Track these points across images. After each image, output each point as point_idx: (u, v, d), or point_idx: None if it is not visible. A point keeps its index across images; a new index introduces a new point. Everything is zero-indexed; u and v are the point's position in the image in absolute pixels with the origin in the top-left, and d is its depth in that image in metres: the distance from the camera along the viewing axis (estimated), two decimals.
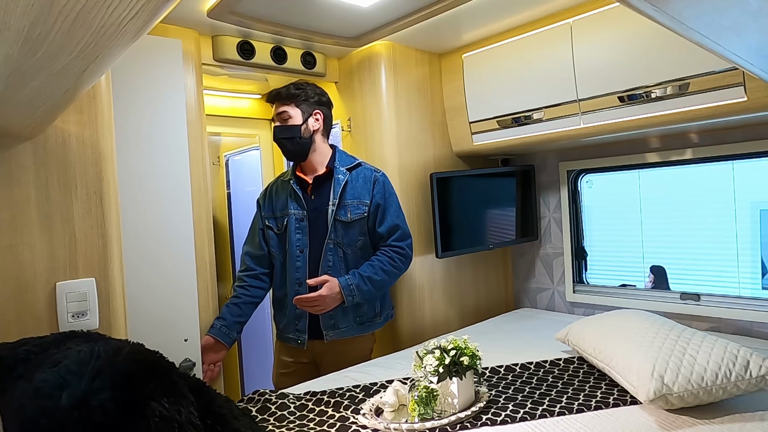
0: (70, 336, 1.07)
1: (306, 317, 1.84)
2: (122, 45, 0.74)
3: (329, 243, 1.84)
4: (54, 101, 1.01)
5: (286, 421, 1.35)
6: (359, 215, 1.86)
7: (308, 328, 1.85)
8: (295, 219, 1.87)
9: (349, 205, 1.85)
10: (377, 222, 1.88)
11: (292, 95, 1.85)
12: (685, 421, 1.22)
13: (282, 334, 1.94)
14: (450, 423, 1.26)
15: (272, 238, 1.93)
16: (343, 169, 1.89)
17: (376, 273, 1.83)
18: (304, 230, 1.86)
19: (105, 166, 1.35)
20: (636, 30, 1.72)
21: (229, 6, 1.73)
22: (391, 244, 1.89)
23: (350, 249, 1.86)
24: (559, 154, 2.49)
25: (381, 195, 1.89)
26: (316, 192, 1.89)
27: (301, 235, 1.86)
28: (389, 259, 1.87)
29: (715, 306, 2.00)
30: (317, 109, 1.88)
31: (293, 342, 1.88)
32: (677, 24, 0.77)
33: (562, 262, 2.51)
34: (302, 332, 1.86)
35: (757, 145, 1.86)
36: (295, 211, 1.87)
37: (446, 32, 2.14)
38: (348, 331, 1.86)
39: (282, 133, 1.84)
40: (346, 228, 1.85)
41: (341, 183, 1.86)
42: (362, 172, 1.91)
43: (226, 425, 0.93)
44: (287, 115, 1.84)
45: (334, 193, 1.85)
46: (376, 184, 1.90)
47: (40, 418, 0.75)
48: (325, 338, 1.83)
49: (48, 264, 1.27)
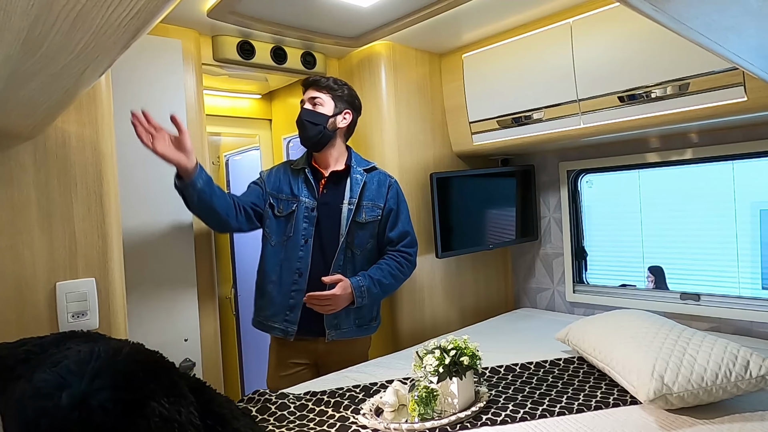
0: (70, 336, 1.07)
1: (299, 309, 1.80)
2: (122, 45, 0.74)
3: (342, 243, 1.82)
4: (54, 101, 1.01)
5: (286, 421, 1.35)
6: (373, 218, 1.86)
7: (302, 322, 1.80)
8: (305, 207, 1.83)
9: (364, 206, 1.85)
10: (389, 227, 1.89)
11: (331, 87, 1.85)
12: (685, 421, 1.22)
13: (264, 323, 1.86)
14: (450, 423, 1.26)
15: (270, 218, 1.86)
16: (360, 170, 1.89)
17: (385, 277, 1.82)
18: (312, 221, 1.83)
19: (105, 166, 1.35)
20: (636, 30, 1.72)
21: (229, 6, 1.73)
22: (400, 249, 1.89)
23: (359, 250, 1.85)
24: (559, 154, 2.49)
25: (395, 200, 1.91)
26: (329, 187, 1.87)
27: (308, 225, 1.82)
28: (398, 264, 1.86)
29: (715, 306, 2.00)
30: (348, 109, 1.88)
31: (279, 332, 1.82)
32: (677, 24, 0.77)
33: (562, 262, 2.51)
34: (292, 323, 1.80)
35: (757, 145, 1.86)
36: (307, 200, 1.84)
37: (446, 32, 2.14)
38: (349, 332, 1.85)
39: (309, 116, 1.82)
40: (359, 229, 1.84)
41: (360, 183, 1.86)
42: (377, 175, 1.92)
43: (226, 425, 0.93)
44: (320, 101, 1.83)
45: (352, 193, 1.84)
46: (390, 189, 1.91)
47: (40, 418, 0.75)
48: (327, 337, 1.81)
49: (48, 264, 1.27)
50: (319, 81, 1.85)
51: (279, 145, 2.85)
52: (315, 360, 1.89)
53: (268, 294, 1.85)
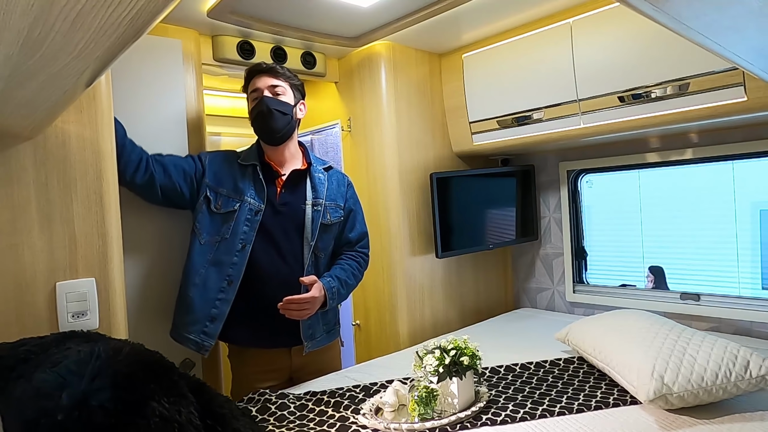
0: (70, 336, 1.07)
1: (220, 321, 1.60)
2: (122, 45, 0.74)
3: (313, 246, 1.69)
4: (54, 101, 1.01)
5: (286, 421, 1.35)
6: (337, 218, 1.76)
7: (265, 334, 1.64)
8: (248, 209, 1.62)
9: (328, 207, 1.74)
10: (348, 227, 1.81)
11: (288, 75, 1.69)
12: (685, 421, 1.22)
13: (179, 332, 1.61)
14: (450, 423, 1.26)
15: (203, 212, 1.63)
16: (320, 168, 1.78)
17: (349, 277, 1.73)
18: (254, 225, 1.62)
19: (105, 166, 1.35)
20: (636, 30, 1.72)
21: (229, 6, 1.73)
22: (357, 250, 1.83)
23: (323, 253, 1.74)
24: (559, 154, 2.49)
25: (353, 200, 1.83)
26: (288, 187, 1.70)
27: (249, 229, 1.61)
28: (357, 264, 1.80)
29: (715, 306, 2.00)
30: (302, 99, 1.75)
31: (192, 345, 1.59)
32: (677, 24, 0.77)
33: (562, 262, 2.51)
34: (210, 336, 1.59)
35: (757, 145, 1.86)
36: (252, 200, 1.63)
37: (446, 32, 2.14)
38: (321, 340, 1.74)
39: (277, 105, 1.63)
40: (324, 232, 1.72)
41: (323, 183, 1.74)
42: (335, 174, 1.82)
43: (226, 425, 0.93)
44: (282, 90, 1.66)
45: (316, 193, 1.71)
46: (349, 189, 1.83)
47: (40, 418, 0.75)
48: (306, 350, 1.67)
49: (48, 264, 1.27)
50: (275, 68, 1.67)
51: None
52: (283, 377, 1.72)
53: (188, 298, 1.60)
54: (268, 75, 1.66)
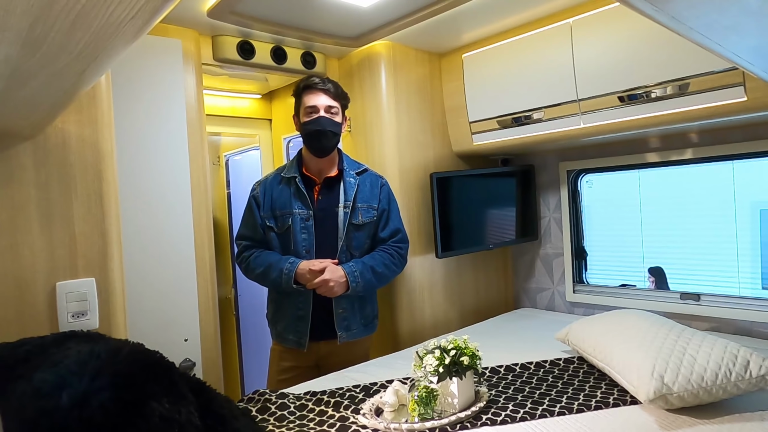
0: (70, 336, 1.06)
1: (308, 319, 1.82)
2: (122, 45, 0.74)
3: (342, 246, 1.83)
4: (54, 101, 1.01)
5: (286, 421, 1.35)
6: (370, 218, 1.88)
7: (312, 330, 1.82)
8: (300, 219, 1.83)
9: (360, 208, 1.87)
10: (380, 226, 1.91)
11: (343, 96, 1.87)
12: (685, 421, 1.22)
13: (281, 336, 1.89)
14: (450, 423, 1.26)
15: (273, 239, 1.87)
16: (352, 172, 1.91)
17: (378, 265, 1.84)
18: (310, 230, 1.83)
19: (105, 166, 1.35)
20: (636, 30, 1.72)
21: (229, 6, 1.73)
22: (391, 244, 1.91)
23: (358, 252, 1.87)
24: (559, 154, 2.49)
25: (387, 200, 1.94)
26: (324, 193, 1.87)
27: (307, 235, 1.83)
28: (389, 255, 1.88)
29: (715, 306, 2.00)
30: (345, 116, 1.92)
31: (293, 344, 1.84)
32: (677, 24, 0.77)
33: (562, 262, 2.51)
34: (303, 334, 1.83)
35: (757, 145, 1.86)
36: (300, 211, 1.84)
37: (446, 32, 2.14)
38: (357, 332, 1.87)
39: (331, 126, 1.81)
40: (357, 231, 1.86)
41: (354, 186, 1.87)
42: (369, 177, 1.94)
43: (226, 425, 0.93)
44: (336, 110, 1.83)
45: (347, 196, 1.85)
46: (383, 190, 1.94)
47: (40, 418, 0.75)
48: (339, 340, 1.82)
49: (48, 264, 1.27)
50: (331, 90, 1.82)
51: (279, 145, 2.85)
52: (317, 362, 1.90)
53: (278, 308, 1.89)
54: (327, 95, 1.82)
